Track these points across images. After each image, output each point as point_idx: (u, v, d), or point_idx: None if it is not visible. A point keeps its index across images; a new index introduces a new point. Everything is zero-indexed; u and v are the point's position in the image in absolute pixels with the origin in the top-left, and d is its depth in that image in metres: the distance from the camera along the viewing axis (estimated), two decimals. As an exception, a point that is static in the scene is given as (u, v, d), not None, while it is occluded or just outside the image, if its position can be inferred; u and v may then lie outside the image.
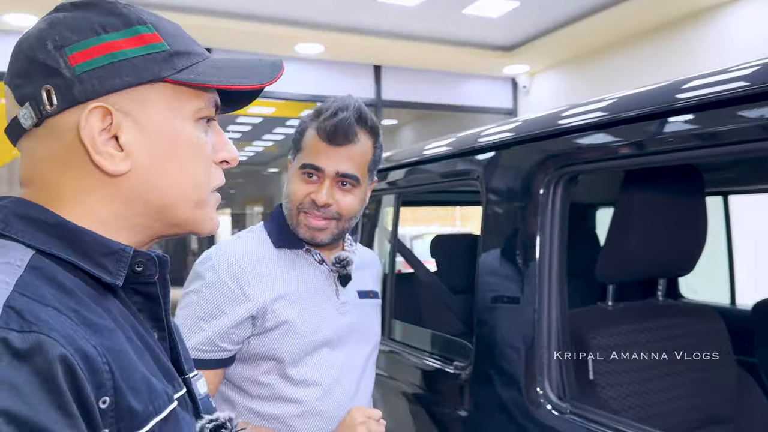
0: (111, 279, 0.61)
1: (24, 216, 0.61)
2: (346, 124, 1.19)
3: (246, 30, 4.54)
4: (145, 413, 0.57)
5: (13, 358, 0.48)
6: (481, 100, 6.16)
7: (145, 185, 0.64)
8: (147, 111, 0.64)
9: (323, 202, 1.19)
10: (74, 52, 0.61)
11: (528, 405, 1.26)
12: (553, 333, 1.29)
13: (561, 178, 1.29)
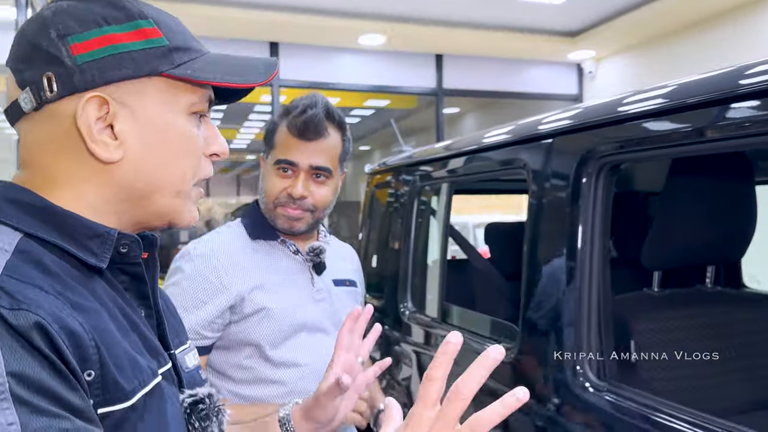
0: (96, 261, 0.64)
1: (13, 200, 0.63)
2: (316, 119, 1.25)
3: (310, 24, 4.68)
4: (130, 387, 0.60)
5: (10, 333, 0.52)
6: (544, 86, 6.10)
7: (136, 174, 0.66)
8: (143, 103, 0.66)
9: (299, 195, 1.27)
10: (76, 42, 0.63)
11: (568, 383, 1.32)
12: (593, 317, 1.34)
13: (604, 167, 1.34)
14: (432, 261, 2.34)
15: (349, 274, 1.47)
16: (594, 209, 1.35)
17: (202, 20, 4.54)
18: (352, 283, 1.45)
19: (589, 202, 1.35)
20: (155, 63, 0.65)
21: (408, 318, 2.21)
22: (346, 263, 1.49)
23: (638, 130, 1.25)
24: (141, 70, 0.65)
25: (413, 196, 2.25)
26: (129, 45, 0.64)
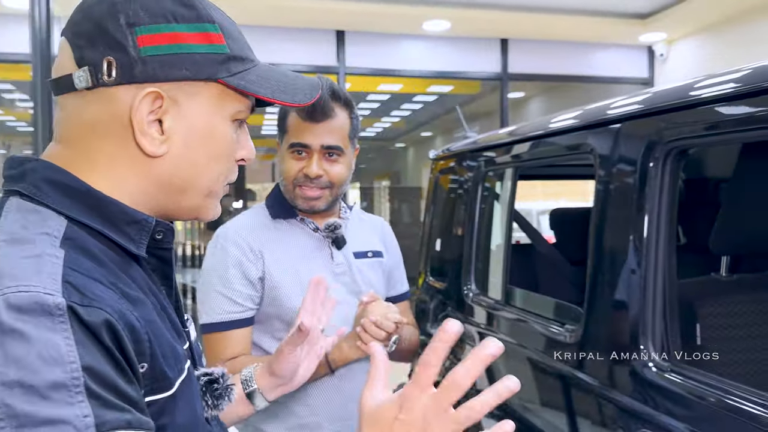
0: (135, 249, 0.66)
1: (54, 182, 0.63)
2: (322, 101, 1.31)
3: (375, 11, 4.74)
4: (173, 375, 0.64)
5: (82, 329, 0.53)
6: (613, 70, 5.96)
7: (175, 170, 0.68)
8: (193, 104, 0.67)
9: (315, 174, 1.35)
10: (144, 33, 0.63)
11: (632, 363, 1.36)
12: (658, 300, 1.36)
13: (671, 152, 1.35)
14: (495, 245, 2.39)
15: (373, 245, 1.53)
16: (661, 195, 1.36)
17: (269, 10, 4.68)
18: (375, 253, 1.51)
19: (656, 188, 1.37)
20: (214, 69, 0.67)
21: (471, 300, 2.27)
22: (371, 235, 1.55)
23: (706, 116, 1.26)
24: (200, 73, 0.66)
25: (478, 182, 2.29)
26: (193, 47, 0.65)
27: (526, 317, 1.93)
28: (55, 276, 0.55)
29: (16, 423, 0.48)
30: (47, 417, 0.49)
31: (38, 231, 0.59)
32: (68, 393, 0.50)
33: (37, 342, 0.51)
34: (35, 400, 0.49)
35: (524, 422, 1.84)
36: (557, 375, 1.67)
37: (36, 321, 0.51)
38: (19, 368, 0.49)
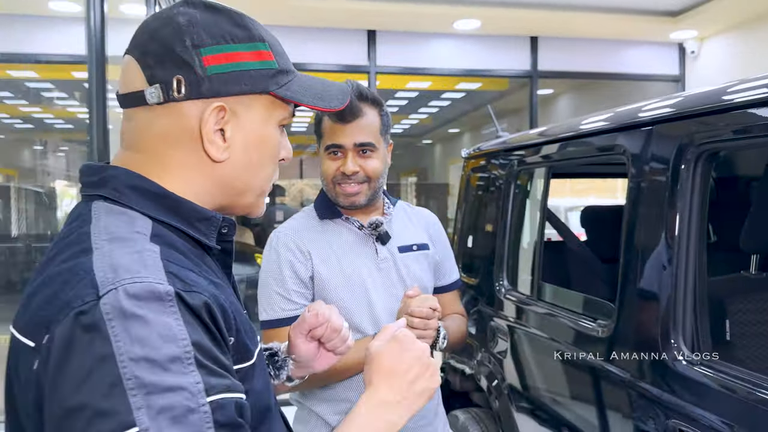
0: (209, 242, 0.76)
1: (136, 187, 0.72)
2: (353, 101, 1.41)
3: (406, 11, 4.80)
4: (252, 347, 0.74)
5: (188, 311, 0.63)
6: (644, 67, 5.94)
7: (235, 172, 0.77)
8: (249, 114, 0.75)
9: (351, 171, 1.44)
10: (208, 54, 0.71)
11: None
12: (689, 296, 1.41)
13: (702, 154, 1.40)
14: (527, 242, 2.44)
15: (419, 238, 1.60)
16: (692, 195, 1.41)
17: (302, 11, 4.78)
18: (420, 246, 1.59)
19: (687, 189, 1.42)
20: (266, 83, 0.76)
21: (503, 295, 2.33)
22: (417, 228, 1.62)
23: (736, 119, 1.31)
24: (256, 87, 0.75)
25: (510, 180, 2.35)
26: (249, 64, 0.74)
27: (557, 312, 1.99)
28: (158, 268, 0.64)
29: (145, 391, 0.57)
30: (169, 385, 0.59)
31: (132, 230, 0.68)
32: (182, 365, 0.60)
33: (155, 324, 0.60)
34: (158, 372, 0.59)
35: (556, 415, 1.91)
36: (588, 368, 1.73)
37: (151, 306, 0.61)
38: (142, 346, 0.59)
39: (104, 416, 0.56)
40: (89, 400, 0.57)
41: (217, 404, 0.61)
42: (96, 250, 0.65)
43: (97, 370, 0.58)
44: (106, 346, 0.58)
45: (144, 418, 0.57)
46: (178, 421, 0.58)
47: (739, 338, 1.50)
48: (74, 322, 0.60)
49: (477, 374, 2.47)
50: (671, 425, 1.34)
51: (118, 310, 0.60)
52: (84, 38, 2.34)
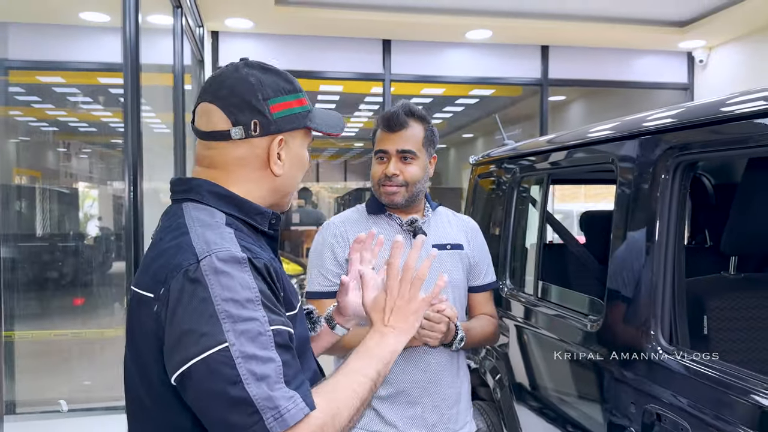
0: (264, 228, 1.06)
1: (212, 191, 1.03)
2: (396, 116, 1.67)
3: (420, 22, 4.97)
4: (295, 302, 1.04)
5: (255, 270, 0.92)
6: (653, 75, 6.06)
7: (284, 183, 1.08)
8: (294, 142, 1.08)
9: (391, 173, 1.67)
10: (273, 104, 1.03)
11: (643, 347, 1.56)
12: (667, 294, 1.55)
13: (679, 165, 1.55)
14: (529, 244, 2.59)
15: (455, 239, 1.80)
16: (670, 201, 1.56)
17: (321, 22, 4.96)
18: (455, 246, 1.79)
19: (666, 195, 1.56)
20: (305, 120, 1.08)
21: (507, 295, 2.48)
22: (456, 231, 1.82)
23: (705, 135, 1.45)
24: (300, 124, 1.07)
25: (513, 185, 2.50)
26: (296, 109, 1.06)
27: (555, 310, 2.14)
28: (235, 243, 0.94)
29: (232, 320, 0.86)
30: (247, 317, 0.87)
31: (213, 220, 0.99)
32: (254, 304, 0.89)
33: (237, 277, 0.89)
34: (239, 308, 0.87)
35: (553, 407, 2.06)
36: (582, 362, 1.88)
37: (233, 266, 0.90)
38: (229, 291, 0.88)
39: (205, 336, 0.85)
40: (195, 326, 0.86)
41: (276, 332, 0.89)
42: (192, 232, 0.95)
43: (200, 306, 0.87)
44: (205, 291, 0.87)
45: (231, 337, 0.85)
46: (253, 340, 0.86)
47: (715, 332, 1.64)
48: (184, 277, 0.89)
49: (481, 368, 2.62)
50: (649, 409, 1.48)
51: (213, 269, 0.89)
52: (118, 47, 2.52)
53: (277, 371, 0.86)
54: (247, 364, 0.84)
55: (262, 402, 0.84)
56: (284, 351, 0.89)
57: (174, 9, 3.72)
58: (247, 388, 0.83)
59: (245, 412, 0.83)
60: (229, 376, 0.84)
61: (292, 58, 5.34)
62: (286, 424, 0.84)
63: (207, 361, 0.85)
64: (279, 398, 0.85)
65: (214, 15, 4.84)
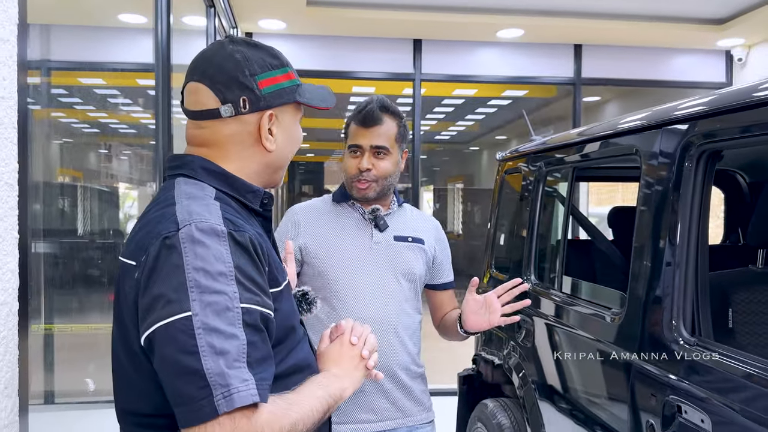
0: (254, 206, 1.06)
1: (205, 168, 1.03)
2: (371, 111, 1.71)
3: (451, 21, 4.97)
4: (280, 279, 1.03)
5: (235, 245, 0.91)
6: (690, 74, 5.93)
7: (277, 158, 1.09)
8: (285, 117, 1.08)
9: (365, 168, 1.71)
10: (261, 79, 1.03)
11: (664, 338, 1.54)
12: (689, 286, 1.53)
13: (703, 154, 1.52)
14: (555, 240, 2.57)
15: (416, 233, 1.86)
16: (693, 191, 1.53)
17: (352, 22, 5.01)
18: (416, 240, 1.85)
19: (689, 187, 1.54)
20: (294, 95, 1.08)
21: (531, 289, 2.47)
22: (416, 225, 1.88)
23: (730, 122, 1.43)
24: (290, 99, 1.07)
25: (539, 181, 2.49)
26: (284, 83, 1.07)
27: (579, 304, 2.12)
28: (218, 216, 0.94)
29: (200, 291, 0.85)
30: (216, 289, 0.86)
31: (202, 193, 0.99)
32: (226, 278, 0.88)
33: (212, 249, 0.89)
34: (210, 279, 0.86)
35: (576, 398, 2.04)
36: (604, 353, 1.87)
37: (211, 238, 0.90)
38: (202, 261, 0.87)
39: (172, 302, 0.85)
40: (165, 292, 0.86)
41: (246, 310, 0.88)
42: (178, 203, 0.96)
43: (172, 273, 0.87)
44: (179, 258, 0.87)
45: (196, 306, 0.84)
46: (218, 314, 0.85)
47: (741, 326, 1.61)
48: (161, 244, 0.90)
49: (505, 365, 2.61)
50: (670, 401, 1.46)
51: (190, 237, 0.89)
52: (151, 48, 2.59)
53: (239, 349, 0.85)
54: (208, 336, 0.83)
55: (214, 377, 0.81)
56: (253, 331, 0.88)
57: (207, 9, 3.81)
58: (203, 360, 0.82)
59: (196, 384, 0.81)
60: (187, 345, 0.82)
61: (323, 59, 5.40)
62: (232, 404, 0.81)
63: (168, 327, 0.84)
64: (233, 377, 0.82)
65: (248, 16, 4.93)
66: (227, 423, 0.81)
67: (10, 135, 1.11)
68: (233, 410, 0.81)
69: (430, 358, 2.02)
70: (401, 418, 1.78)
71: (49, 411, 3.80)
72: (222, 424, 0.81)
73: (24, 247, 1.14)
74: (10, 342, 1.10)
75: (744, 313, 1.61)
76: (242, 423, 0.82)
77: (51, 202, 5.09)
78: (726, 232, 2.96)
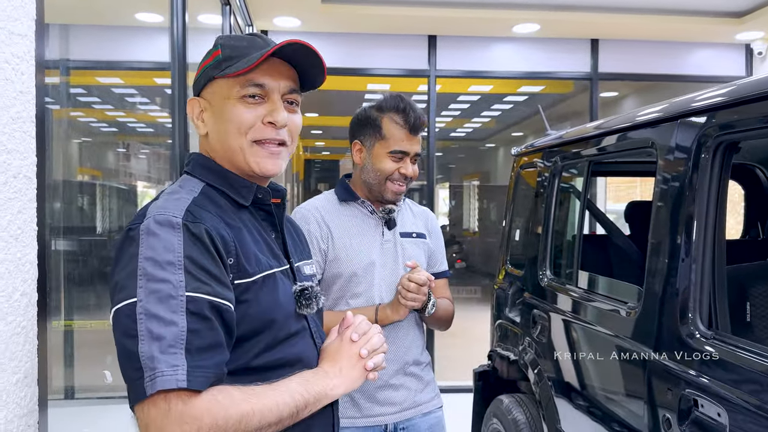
0: (243, 201, 1.08)
1: (200, 164, 1.10)
2: (419, 119, 1.71)
3: (466, 17, 4.95)
4: (251, 270, 1.02)
5: (190, 236, 0.93)
6: (709, 68, 5.86)
7: (216, 141, 1.09)
8: (214, 99, 1.08)
9: (411, 174, 1.73)
10: (197, 71, 1.10)
11: (681, 332, 1.52)
12: (706, 280, 1.51)
13: (719, 145, 1.50)
14: (571, 235, 2.56)
15: (418, 228, 1.89)
16: (710, 184, 1.52)
17: (366, 19, 5.01)
18: (419, 235, 1.89)
19: (706, 178, 1.52)
20: (212, 72, 1.07)
21: (546, 284, 2.46)
22: (417, 220, 1.91)
23: (749, 113, 1.41)
24: (207, 78, 1.09)
25: (554, 176, 2.48)
26: (207, 66, 1.09)
27: (595, 299, 2.11)
28: (181, 208, 0.97)
29: (146, 278, 0.89)
30: (161, 278, 0.89)
31: (186, 189, 1.04)
32: (174, 267, 0.90)
33: (164, 239, 0.92)
34: (157, 268, 0.90)
35: (592, 393, 2.03)
36: (620, 347, 1.85)
37: (165, 229, 0.93)
38: (152, 251, 0.91)
39: (123, 289, 0.90)
40: (120, 279, 0.92)
41: (191, 298, 0.90)
42: (158, 200, 1.01)
43: (127, 262, 0.92)
44: (135, 248, 0.92)
45: (141, 293, 0.89)
46: (161, 301, 0.88)
47: (759, 319, 1.59)
48: (125, 235, 0.95)
49: (521, 360, 2.61)
50: (686, 395, 1.45)
51: (147, 229, 0.93)
52: (167, 46, 2.61)
53: (176, 336, 0.87)
54: (148, 322, 0.87)
55: (145, 360, 0.86)
56: (197, 319, 0.90)
57: (222, 7, 3.83)
58: (140, 344, 0.86)
59: (133, 366, 0.87)
60: (129, 329, 0.88)
61: (338, 56, 5.40)
62: (154, 387, 0.85)
63: (118, 313, 0.90)
64: (161, 361, 0.86)
65: (263, 14, 4.95)
66: (162, 404, 0.85)
67: (28, 129, 1.12)
68: (169, 392, 0.85)
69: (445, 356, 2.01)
70: (416, 407, 1.81)
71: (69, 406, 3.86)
72: (157, 405, 0.85)
73: (42, 239, 1.16)
74: (29, 332, 1.12)
75: (762, 307, 1.59)
76: (178, 406, 0.85)
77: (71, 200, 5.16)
78: (746, 226, 2.93)
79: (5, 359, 1.04)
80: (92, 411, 3.72)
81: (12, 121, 1.07)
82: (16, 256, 1.07)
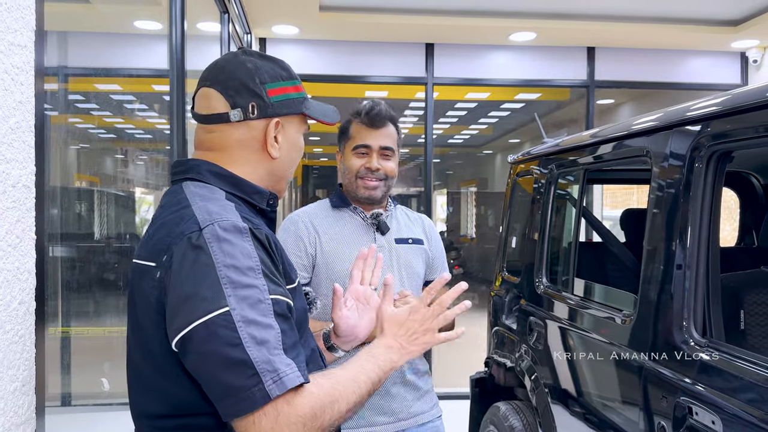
0: (261, 206, 1.10)
1: (213, 171, 1.07)
2: (379, 112, 1.72)
3: (463, 25, 4.98)
4: (293, 276, 1.08)
5: (256, 241, 0.95)
6: (705, 76, 5.89)
7: (281, 166, 1.13)
8: (290, 127, 1.12)
9: (375, 167, 1.73)
10: (270, 88, 1.08)
11: (675, 339, 1.53)
12: (700, 288, 1.52)
13: (713, 155, 1.52)
14: (566, 242, 2.57)
15: (414, 234, 1.88)
16: (704, 192, 1.53)
17: (364, 27, 5.03)
18: (416, 241, 1.87)
19: (699, 188, 1.54)
20: (300, 106, 1.12)
21: (543, 291, 2.47)
22: (414, 226, 1.90)
23: (743, 123, 1.43)
24: (297, 109, 1.12)
25: (550, 183, 2.49)
26: (292, 94, 1.11)
27: (590, 306, 2.12)
28: (236, 214, 0.98)
29: (233, 286, 0.89)
30: (247, 283, 0.90)
31: (214, 195, 1.03)
32: (255, 272, 0.92)
33: (238, 245, 0.93)
34: (240, 274, 0.90)
35: (587, 400, 2.04)
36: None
37: (235, 235, 0.94)
38: (231, 258, 0.91)
39: (207, 300, 0.88)
40: (198, 291, 0.89)
41: (275, 300, 0.93)
42: (193, 205, 0.99)
43: (202, 272, 0.90)
44: (208, 258, 0.91)
45: (233, 302, 0.88)
46: (253, 306, 0.89)
47: (753, 327, 1.60)
48: (187, 244, 0.93)
49: (517, 367, 2.61)
50: (681, 403, 1.46)
51: (215, 236, 0.92)
52: (165, 54, 2.62)
53: (276, 338, 0.89)
54: (248, 328, 0.87)
55: (262, 365, 0.86)
56: (282, 320, 0.92)
57: (221, 15, 3.85)
58: (248, 350, 0.86)
59: (245, 374, 0.85)
60: (230, 338, 0.86)
61: (336, 63, 5.43)
62: (284, 387, 0.86)
63: (208, 324, 0.87)
64: (278, 362, 0.87)
65: (261, 22, 4.97)
66: (270, 411, 0.86)
67: (27, 138, 1.13)
68: (277, 398, 0.86)
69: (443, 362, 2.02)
70: (413, 416, 1.80)
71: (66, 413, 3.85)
72: (267, 414, 0.86)
73: (41, 248, 1.17)
74: (27, 341, 1.13)
75: (756, 315, 1.60)
76: (284, 408, 0.86)
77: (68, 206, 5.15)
78: (741, 234, 2.94)
79: (3, 368, 1.05)
80: (89, 418, 3.71)
81: (11, 131, 1.08)
82: (14, 265, 1.08)
